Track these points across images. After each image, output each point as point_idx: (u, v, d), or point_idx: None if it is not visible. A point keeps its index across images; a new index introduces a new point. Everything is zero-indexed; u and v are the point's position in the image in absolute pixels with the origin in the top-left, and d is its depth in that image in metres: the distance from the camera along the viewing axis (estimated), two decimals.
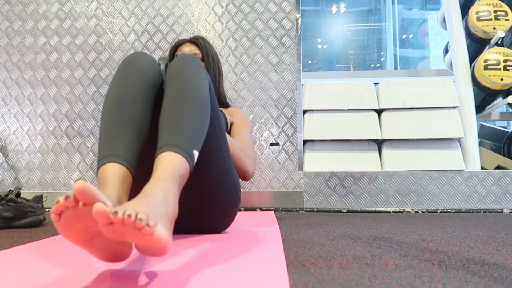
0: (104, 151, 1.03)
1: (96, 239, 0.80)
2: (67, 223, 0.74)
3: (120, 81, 1.18)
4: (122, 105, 1.12)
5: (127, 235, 0.71)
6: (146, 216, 0.70)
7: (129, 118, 1.09)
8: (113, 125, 1.08)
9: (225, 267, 0.92)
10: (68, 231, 0.76)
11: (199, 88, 1.18)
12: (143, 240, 0.72)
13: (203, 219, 1.48)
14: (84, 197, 0.70)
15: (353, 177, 2.70)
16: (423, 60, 12.58)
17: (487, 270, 0.91)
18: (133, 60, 1.23)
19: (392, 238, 1.42)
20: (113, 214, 0.67)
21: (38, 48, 2.94)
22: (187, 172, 1.00)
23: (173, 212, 0.88)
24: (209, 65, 1.99)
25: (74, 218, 0.73)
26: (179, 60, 1.25)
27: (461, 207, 2.66)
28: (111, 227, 0.70)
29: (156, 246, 0.74)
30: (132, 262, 0.99)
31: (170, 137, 1.02)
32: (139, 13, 2.90)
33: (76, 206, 0.71)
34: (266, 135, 2.74)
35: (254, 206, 2.69)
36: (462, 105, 3.00)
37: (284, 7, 2.84)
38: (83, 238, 0.78)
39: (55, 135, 2.87)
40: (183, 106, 1.11)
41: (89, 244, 0.80)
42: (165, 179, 0.92)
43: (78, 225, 0.75)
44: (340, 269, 0.91)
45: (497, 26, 3.24)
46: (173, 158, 0.98)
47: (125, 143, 1.05)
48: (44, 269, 0.93)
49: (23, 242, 1.34)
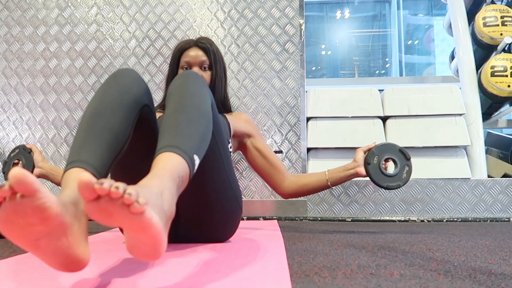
0: (70, 158, 0.99)
1: (43, 240, 0.73)
2: (6, 219, 0.67)
3: (100, 94, 1.16)
4: (97, 116, 1.08)
5: (115, 215, 0.65)
6: (136, 193, 0.64)
7: (102, 128, 1.06)
8: (85, 134, 1.04)
9: (228, 277, 0.91)
10: (8, 229, 0.69)
11: (201, 101, 1.16)
12: (132, 222, 0.65)
13: (205, 229, 1.47)
14: (21, 187, 0.62)
15: (357, 186, 2.67)
16: (429, 66, 12.56)
17: (494, 280, 0.88)
18: (116, 76, 1.21)
19: (397, 247, 1.41)
20: (99, 184, 0.61)
21: (37, 54, 2.91)
22: (187, 175, 0.94)
23: (169, 210, 0.81)
24: (216, 73, 1.91)
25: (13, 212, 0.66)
26: (180, 77, 1.23)
27: (468, 216, 2.62)
28: (96, 204, 0.64)
29: (147, 234, 0.68)
30: (132, 271, 0.97)
31: (169, 139, 0.99)
32: (140, 18, 2.87)
33: (14, 198, 0.64)
34: (269, 142, 2.71)
35: (257, 215, 2.66)
36: (469, 112, 2.97)
37: (288, 13, 2.80)
38: (27, 238, 0.71)
39: (54, 143, 2.84)
40: (184, 113, 1.08)
41: (36, 246, 0.73)
42: (163, 176, 0.86)
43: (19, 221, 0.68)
44: (344, 279, 0.89)
45: (504, 32, 3.21)
46: (173, 158, 0.93)
47: (93, 150, 1.00)
48: (44, 279, 0.91)
49: (22, 252, 1.32)
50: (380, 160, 1.69)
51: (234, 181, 1.50)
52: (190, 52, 1.91)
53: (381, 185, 1.69)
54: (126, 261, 1.12)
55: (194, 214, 1.42)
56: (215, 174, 1.39)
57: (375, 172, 1.70)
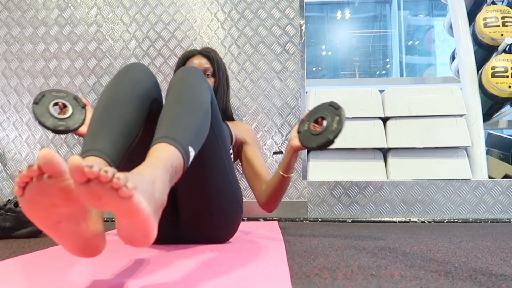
0: (85, 146, 1.00)
1: (64, 223, 0.75)
2: (31, 199, 0.69)
3: (112, 87, 1.17)
4: (110, 107, 1.10)
5: (104, 199, 0.66)
6: (125, 178, 0.65)
7: (115, 119, 1.07)
8: (98, 124, 1.06)
9: (228, 278, 0.91)
10: (32, 208, 0.71)
11: (200, 95, 1.17)
12: (120, 206, 0.66)
13: (205, 230, 1.48)
14: (49, 168, 0.65)
15: (358, 186, 2.66)
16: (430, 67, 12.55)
17: (495, 281, 0.89)
18: (127, 70, 1.22)
19: (397, 248, 1.41)
20: (88, 168, 0.62)
21: (37, 55, 2.90)
22: (180, 166, 0.95)
23: (160, 199, 0.81)
24: (219, 80, 1.96)
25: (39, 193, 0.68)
26: (181, 71, 1.24)
27: (468, 217, 2.61)
28: (86, 187, 0.64)
29: (136, 219, 0.69)
30: (132, 272, 0.98)
31: (165, 131, 1.00)
32: (140, 19, 2.87)
33: (41, 178, 0.66)
34: (270, 143, 2.70)
35: (257, 216, 2.65)
36: (469, 113, 2.97)
37: (288, 13, 2.80)
38: (49, 219, 0.73)
39: (54, 144, 2.83)
40: (181, 106, 1.09)
41: (56, 228, 0.75)
42: (156, 165, 0.86)
43: (44, 202, 0.70)
44: (344, 280, 0.89)
45: (504, 33, 3.21)
46: (167, 148, 0.94)
47: (108, 140, 1.01)
48: (43, 280, 0.91)
49: (22, 253, 1.33)
50: (310, 124, 1.56)
51: (235, 182, 1.51)
52: (194, 60, 1.97)
53: (311, 147, 1.55)
54: (127, 261, 1.12)
55: (195, 214, 1.43)
56: (216, 174, 1.40)
57: (305, 137, 1.57)
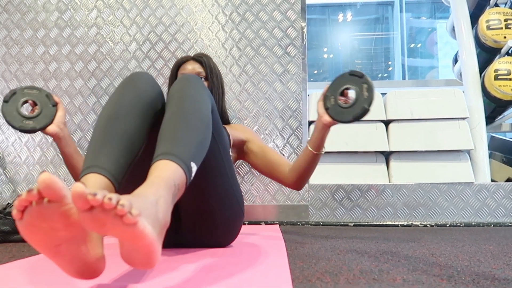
0: (87, 163, 0.99)
1: (64, 246, 0.74)
2: (30, 223, 0.68)
3: (116, 98, 1.16)
4: (113, 119, 1.09)
5: (108, 225, 0.65)
6: (130, 204, 0.65)
7: (119, 132, 1.06)
8: (101, 138, 1.05)
9: (229, 282, 0.91)
10: (31, 233, 0.70)
11: (201, 106, 1.16)
12: (125, 232, 0.66)
13: (207, 234, 1.48)
14: (49, 192, 0.64)
15: (360, 190, 2.65)
16: (432, 70, 12.54)
17: (497, 285, 0.88)
18: (132, 79, 1.21)
19: (400, 252, 1.41)
20: (92, 196, 0.62)
21: (37, 58, 2.89)
22: (183, 183, 0.94)
23: (164, 219, 0.81)
24: (213, 84, 1.98)
25: (38, 217, 0.68)
26: (181, 80, 1.23)
27: (471, 220, 2.60)
28: (90, 214, 0.64)
29: (141, 244, 0.68)
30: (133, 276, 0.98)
31: (166, 146, 0.98)
32: (141, 21, 2.86)
33: (41, 202, 0.66)
34: (271, 146, 2.69)
35: (258, 220, 2.64)
36: (472, 116, 2.96)
37: (290, 16, 2.79)
38: (49, 242, 0.72)
39: (54, 147, 2.82)
40: (183, 119, 1.08)
41: (56, 252, 0.74)
42: (159, 184, 0.86)
43: (43, 226, 0.69)
44: (346, 284, 0.89)
45: (507, 35, 3.20)
46: (169, 166, 0.93)
47: (111, 156, 1.01)
48: (43, 284, 0.91)
49: (22, 257, 1.34)
50: (336, 97, 1.53)
51: (236, 186, 1.51)
52: (187, 65, 2.00)
53: (347, 121, 1.51)
54: (127, 265, 1.11)
55: (196, 219, 1.43)
56: (217, 178, 1.40)
57: (336, 112, 1.54)
